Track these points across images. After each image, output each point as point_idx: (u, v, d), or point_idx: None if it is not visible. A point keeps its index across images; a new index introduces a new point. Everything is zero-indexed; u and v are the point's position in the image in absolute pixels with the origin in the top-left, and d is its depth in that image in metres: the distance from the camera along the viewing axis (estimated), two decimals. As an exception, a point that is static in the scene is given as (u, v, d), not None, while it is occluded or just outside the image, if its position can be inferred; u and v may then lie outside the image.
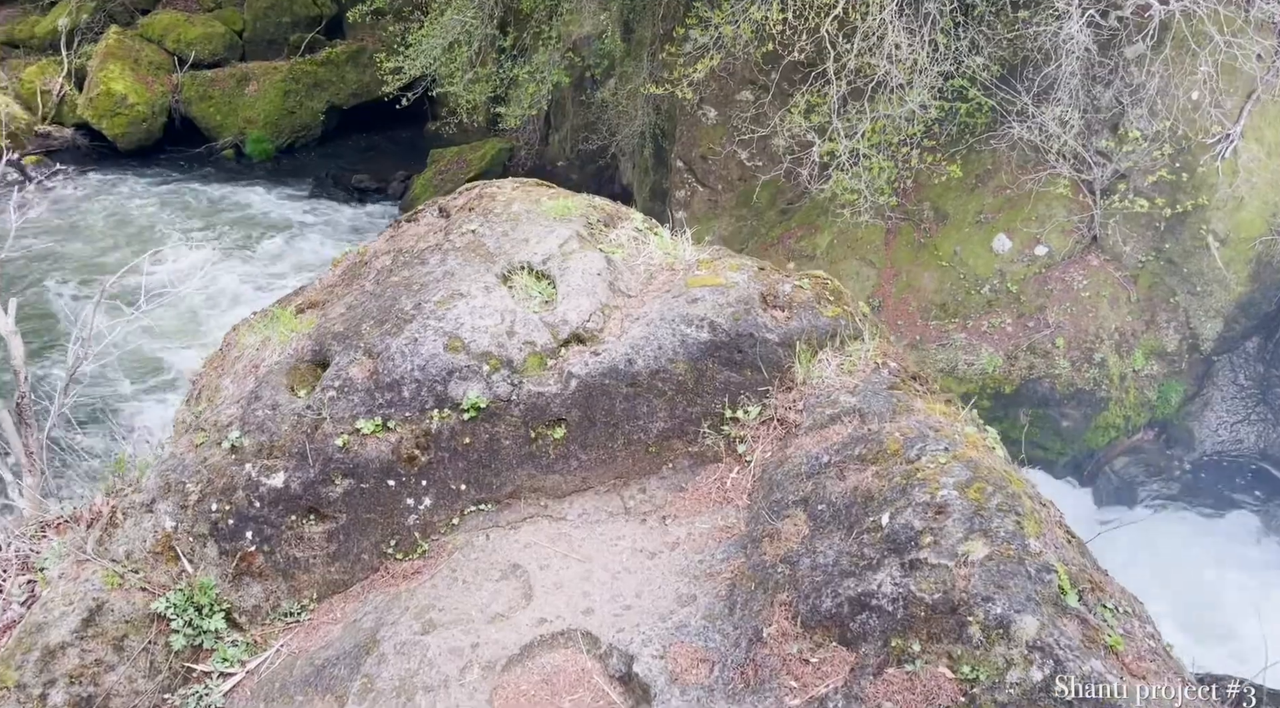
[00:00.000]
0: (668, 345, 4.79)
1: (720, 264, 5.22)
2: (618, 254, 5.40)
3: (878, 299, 13.05)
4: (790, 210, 14.20)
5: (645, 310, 4.98)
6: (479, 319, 4.85)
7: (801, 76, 12.91)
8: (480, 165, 20.58)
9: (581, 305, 4.96)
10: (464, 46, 14.54)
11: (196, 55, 22.57)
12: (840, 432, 4.45)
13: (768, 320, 4.88)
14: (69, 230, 18.61)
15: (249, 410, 4.74)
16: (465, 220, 5.69)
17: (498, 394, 4.66)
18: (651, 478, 4.84)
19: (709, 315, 4.84)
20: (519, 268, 5.24)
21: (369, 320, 5.01)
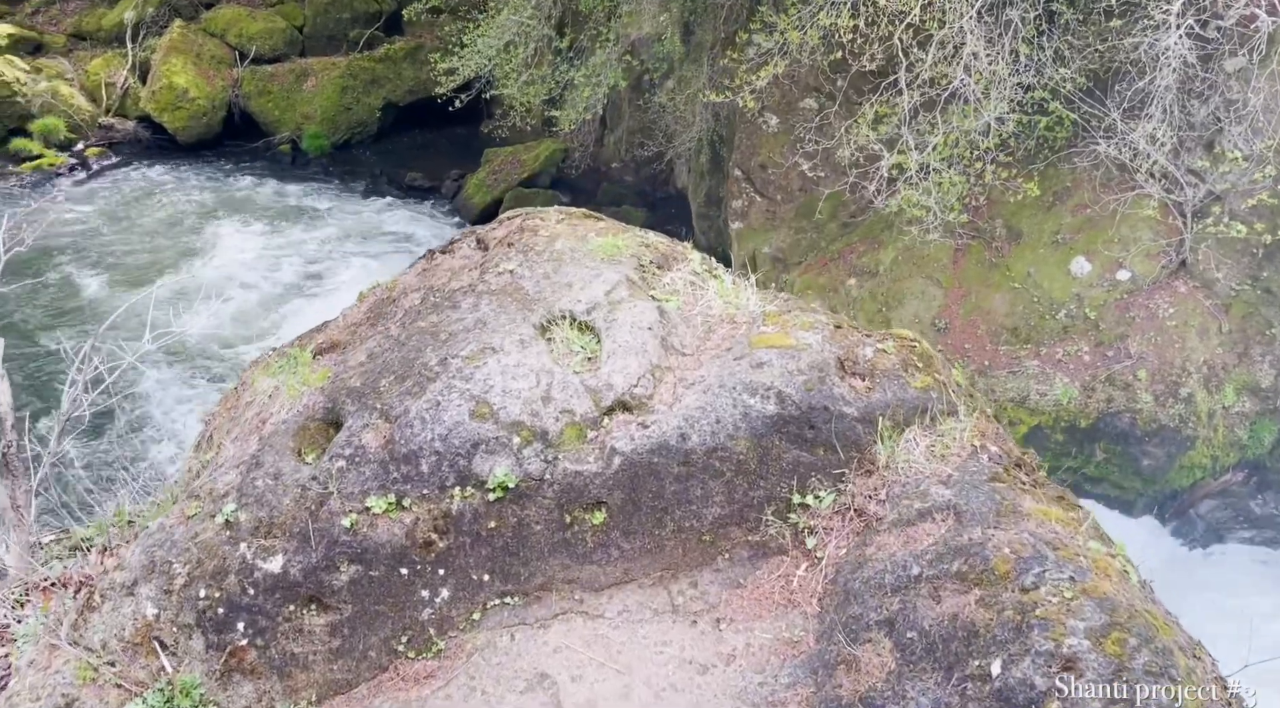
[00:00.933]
0: (727, 418, 4.04)
1: (790, 319, 4.44)
2: (672, 303, 4.65)
3: (944, 320, 12.15)
4: (852, 224, 13.32)
5: (702, 374, 4.23)
6: (511, 381, 4.13)
7: (870, 85, 12.03)
8: (534, 166, 19.94)
9: (629, 367, 4.22)
10: (520, 47, 13.83)
11: (257, 50, 22.16)
12: (931, 533, 3.67)
13: (845, 391, 4.11)
14: (123, 222, 18.29)
15: (248, 479, 4.07)
16: (503, 257, 4.98)
17: (529, 472, 3.94)
18: (704, 571, 4.10)
19: (776, 384, 4.08)
20: (560, 317, 4.52)
21: (389, 375, 4.32)
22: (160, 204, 19.18)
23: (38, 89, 21.02)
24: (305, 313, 15.81)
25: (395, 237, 18.72)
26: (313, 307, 16.01)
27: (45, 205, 16.30)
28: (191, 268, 17.09)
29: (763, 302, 4.69)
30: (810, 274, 13.32)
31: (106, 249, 17.33)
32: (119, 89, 21.79)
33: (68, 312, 15.36)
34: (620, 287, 4.61)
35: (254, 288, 16.59)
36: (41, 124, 20.69)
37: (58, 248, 17.14)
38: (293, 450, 4.19)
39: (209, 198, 19.56)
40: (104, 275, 16.51)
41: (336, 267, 17.47)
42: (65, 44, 22.88)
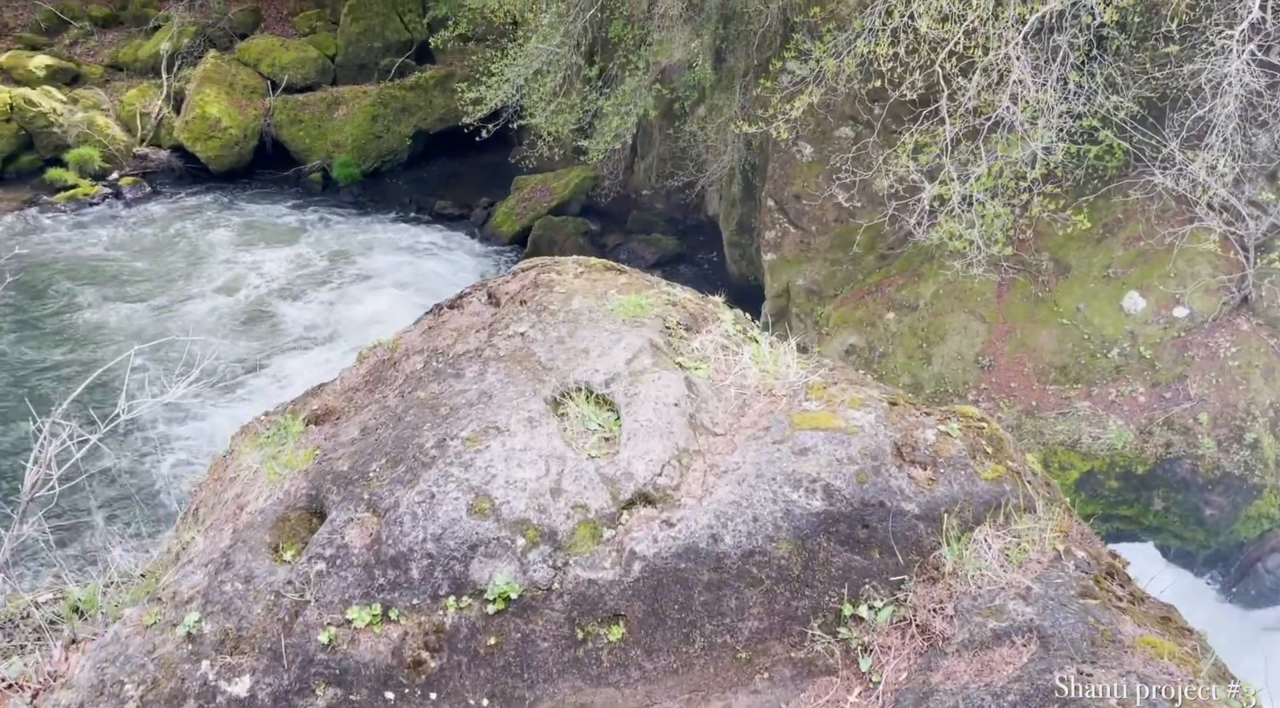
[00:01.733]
0: (767, 516, 3.42)
1: (837, 394, 3.81)
2: (702, 371, 4.04)
3: (988, 358, 11.44)
4: (890, 256, 12.66)
5: (737, 461, 3.61)
6: (516, 469, 3.54)
7: (910, 114, 11.41)
8: (564, 194, 19.46)
9: (652, 452, 3.61)
10: (548, 76, 13.34)
11: (289, 79, 21.91)
12: (1011, 661, 3.02)
13: (904, 483, 3.47)
14: (152, 251, 18.00)
15: (216, 582, 3.50)
16: (515, 316, 4.40)
17: (535, 580, 3.34)
18: (740, 693, 3.46)
19: (824, 475, 3.45)
20: (574, 390, 3.93)
21: (380, 457, 3.75)
22: (190, 233, 18.89)
23: (74, 119, 20.88)
24: (333, 343, 15.39)
25: (424, 265, 18.28)
26: (340, 336, 15.59)
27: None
28: (218, 296, 16.73)
29: (805, 370, 4.06)
30: (846, 307, 12.66)
31: (132, 277, 17.01)
32: (154, 119, 21.60)
33: (88, 340, 15.01)
34: (643, 354, 4.01)
35: (282, 316, 16.19)
36: (77, 154, 20.54)
37: (83, 276, 16.85)
38: (269, 546, 3.62)
39: (240, 226, 19.25)
40: (128, 304, 16.18)
41: (364, 295, 17.05)
42: (102, 74, 22.77)
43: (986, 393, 11.34)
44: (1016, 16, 9.86)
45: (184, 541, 4.27)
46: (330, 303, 16.73)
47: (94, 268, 17.32)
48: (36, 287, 16.53)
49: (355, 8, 22.45)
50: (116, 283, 16.87)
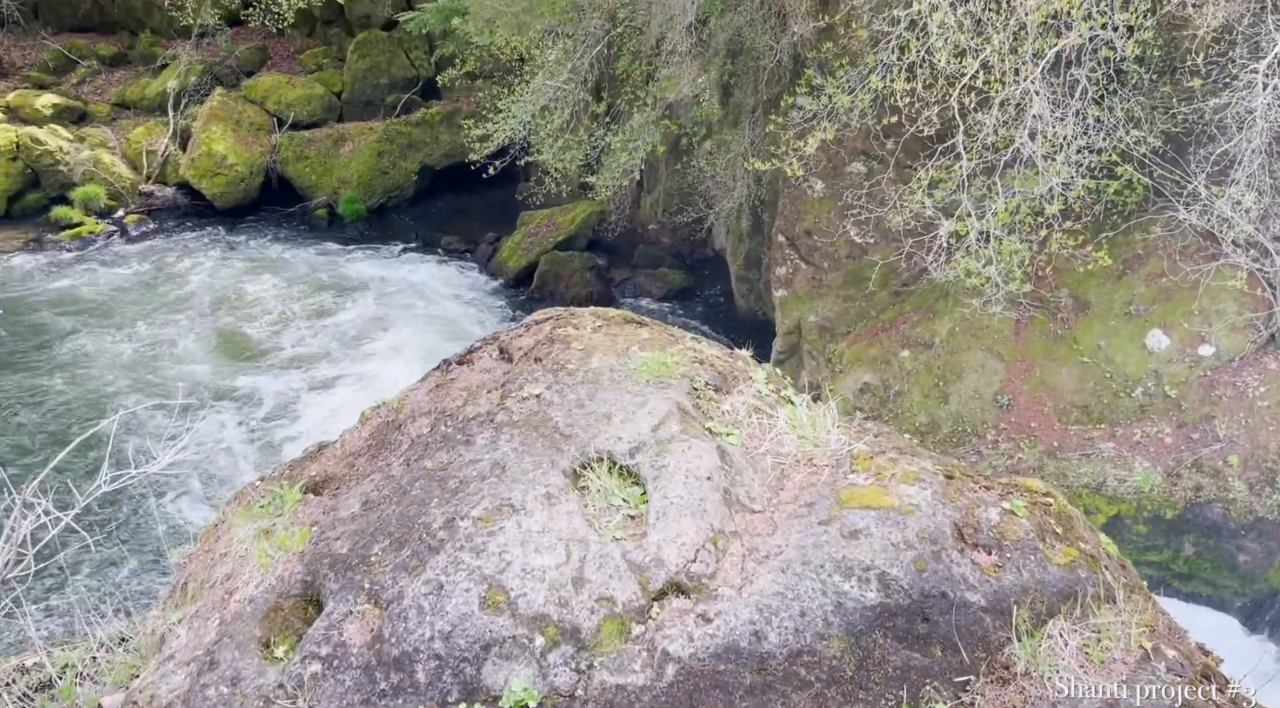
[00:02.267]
0: (815, 610, 3.01)
1: (886, 466, 3.42)
2: (734, 438, 3.66)
3: (1006, 396, 11.04)
4: (904, 293, 12.30)
5: (779, 544, 3.21)
6: (534, 555, 3.14)
7: (924, 149, 11.10)
8: (570, 229, 19.16)
9: (684, 533, 3.22)
10: (555, 113, 13.05)
11: (295, 116, 21.71)
12: (1101, 784, 2.61)
13: (967, 570, 3.07)
14: (154, 289, 17.68)
15: (198, 685, 3.10)
16: (529, 376, 4.02)
17: (556, 686, 2.93)
18: (786, 810, 3.04)
19: (878, 562, 3.05)
20: (596, 460, 3.54)
21: (383, 538, 3.35)
22: (194, 270, 18.59)
23: (80, 157, 20.65)
24: (337, 387, 15.02)
25: (431, 302, 17.94)
26: (344, 379, 15.21)
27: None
28: (220, 337, 16.39)
29: (847, 436, 3.67)
30: (860, 345, 12.28)
31: (133, 318, 16.67)
32: (160, 156, 21.38)
33: (84, 384, 14.64)
34: (670, 419, 3.62)
35: (286, 358, 15.83)
36: (83, 192, 20.29)
37: (83, 316, 16.52)
38: (259, 642, 3.21)
39: (245, 263, 18.95)
40: (128, 344, 15.82)
41: (370, 333, 16.69)
42: (109, 113, 22.58)
43: (1006, 433, 10.93)
44: (1035, 50, 9.56)
45: (169, 621, 3.87)
46: (335, 342, 16.37)
47: (95, 307, 16.99)
48: (35, 327, 16.20)
49: (362, 45, 22.30)
50: (116, 323, 16.53)
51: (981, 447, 11.00)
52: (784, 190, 12.85)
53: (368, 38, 22.28)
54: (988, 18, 9.00)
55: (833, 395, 12.04)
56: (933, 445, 11.27)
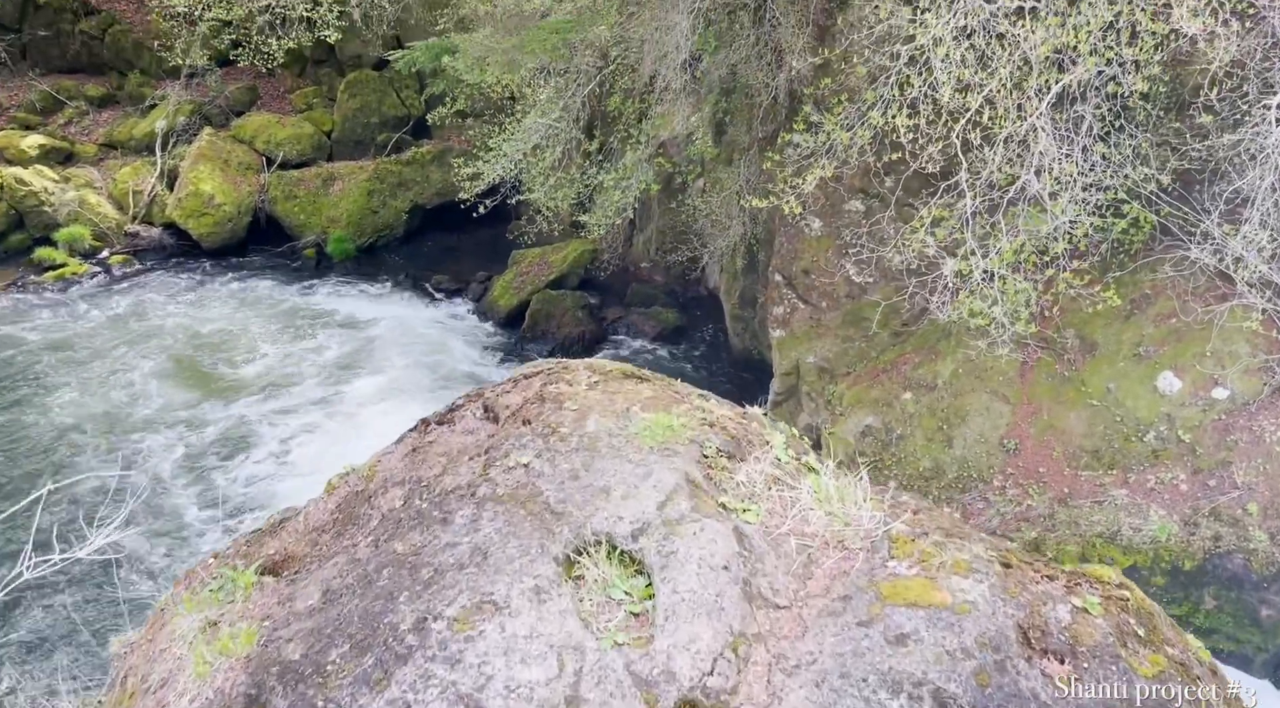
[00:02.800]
0: (858, 734, 2.48)
1: (932, 552, 2.90)
2: (752, 516, 3.14)
3: (1013, 441, 10.54)
4: (905, 333, 11.84)
5: (811, 650, 2.68)
6: (519, 667, 2.61)
7: (924, 186, 10.70)
8: (562, 267, 18.71)
9: (698, 637, 2.69)
10: (547, 151, 12.63)
11: (285, 156, 21.30)
12: None
13: (1037, 684, 2.54)
14: (137, 332, 17.11)
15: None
16: (517, 441, 3.50)
17: (547, 833, 2.39)
18: None
19: (931, 676, 2.53)
20: (593, 543, 3.02)
21: (343, 641, 2.82)
22: (177, 312, 18.04)
23: (65, 198, 20.17)
24: (319, 431, 14.43)
25: (419, 343, 17.42)
26: (328, 426, 14.63)
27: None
28: (198, 383, 15.81)
29: (882, 512, 3.16)
30: (860, 386, 11.79)
31: (110, 363, 16.09)
32: (146, 196, 20.90)
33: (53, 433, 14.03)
34: (679, 494, 3.11)
35: (266, 403, 15.25)
36: (67, 233, 19.78)
37: (58, 361, 15.93)
38: (192, 770, 2.66)
39: (229, 305, 18.42)
40: (103, 391, 15.23)
41: (356, 375, 16.14)
42: (96, 153, 22.13)
43: (1014, 478, 10.43)
44: (1039, 86, 9.18)
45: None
46: (318, 387, 15.80)
47: (69, 353, 16.41)
48: (5, 374, 15.60)
49: (352, 84, 21.95)
50: (90, 370, 15.93)
51: (988, 493, 10.49)
52: (780, 229, 12.42)
53: (358, 77, 21.95)
54: (991, 52, 8.62)
55: (833, 438, 11.55)
56: (937, 491, 10.76)
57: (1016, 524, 10.00)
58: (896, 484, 11.19)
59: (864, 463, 11.21)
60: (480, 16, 14.49)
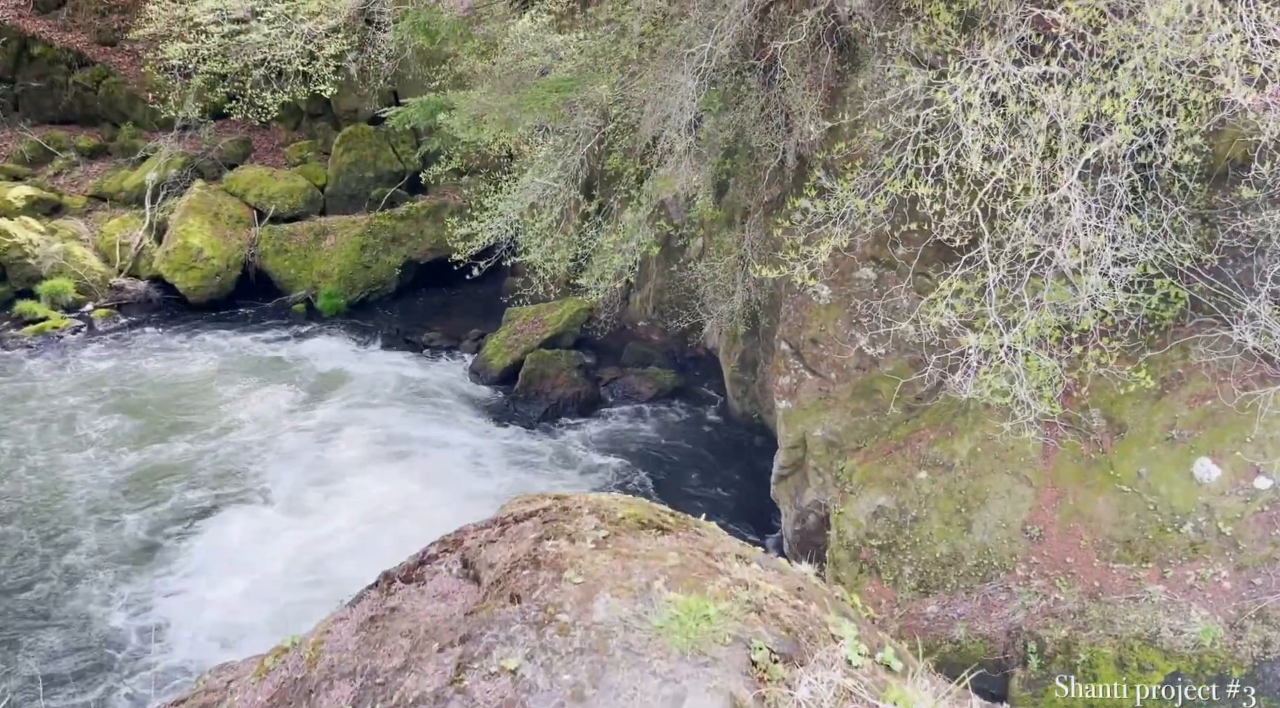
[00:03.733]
0: None
1: None
2: (823, 758, 2.26)
3: (1036, 527, 9.67)
4: (919, 407, 11.00)
5: None
6: None
7: (940, 254, 9.96)
8: (557, 326, 17.92)
9: None
10: (544, 211, 11.86)
11: (277, 209, 20.56)
12: None
13: None
14: (114, 393, 16.17)
15: None
16: (502, 631, 2.63)
17: None
18: None
19: None
20: (607, 806, 2.13)
21: None
22: (158, 370, 17.12)
23: (50, 250, 19.37)
24: (296, 501, 13.45)
25: (409, 404, 16.52)
26: (306, 495, 13.64)
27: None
28: (178, 445, 14.84)
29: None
30: (872, 463, 10.92)
31: (81, 428, 15.11)
32: (134, 249, 20.11)
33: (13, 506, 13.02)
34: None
35: (240, 473, 14.26)
36: (50, 285, 18.94)
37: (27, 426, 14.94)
38: None
39: (213, 363, 17.51)
40: (68, 458, 14.23)
41: (341, 435, 15.20)
42: (85, 205, 21.39)
43: (1038, 568, 9.53)
44: (1071, 154, 8.46)
45: None
46: (297, 453, 14.83)
47: (43, 415, 15.44)
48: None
49: (347, 138, 21.31)
50: (61, 435, 14.95)
51: (1011, 583, 9.58)
52: (787, 295, 11.64)
53: (354, 131, 21.32)
54: (1023, 118, 7.90)
55: (842, 518, 10.65)
56: (956, 579, 9.85)
57: (1044, 619, 9.09)
58: (911, 570, 10.31)
59: (876, 547, 10.33)
60: (477, 73, 13.83)
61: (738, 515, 13.62)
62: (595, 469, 14.52)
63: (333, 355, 18.01)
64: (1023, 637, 9.04)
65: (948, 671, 9.38)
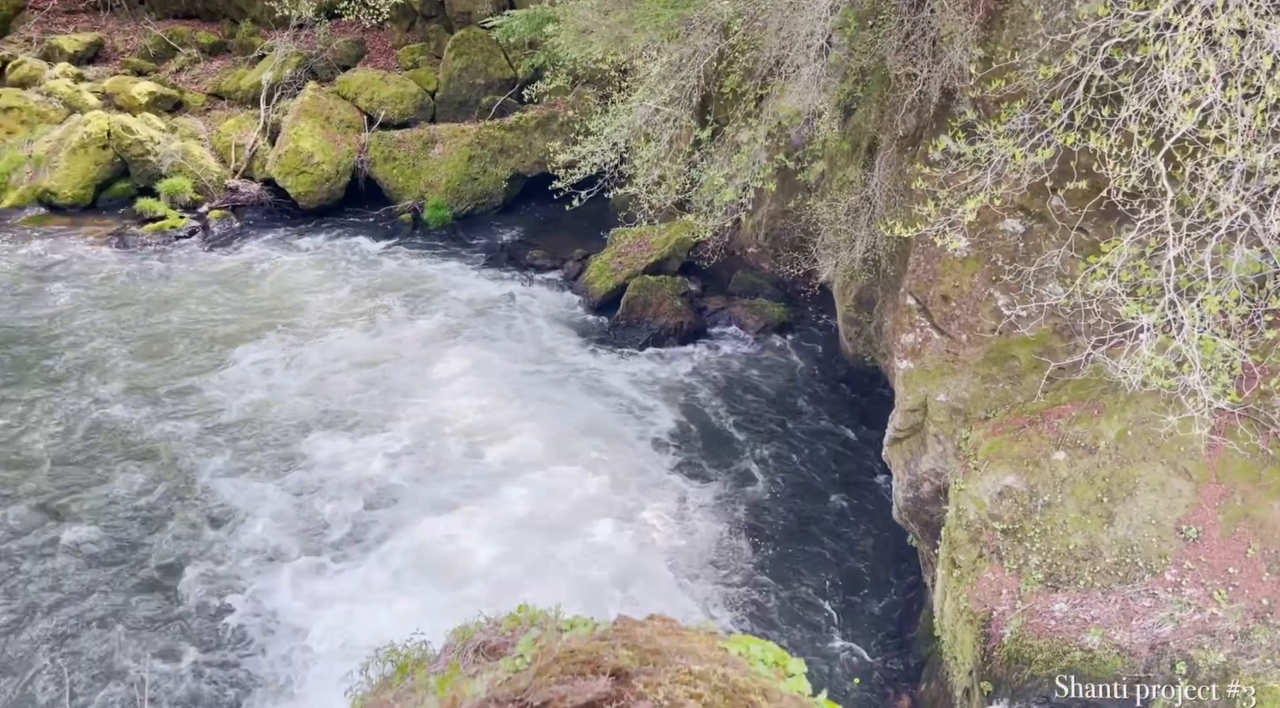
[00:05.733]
0: None
1: None
2: None
3: (1194, 527, 8.31)
4: (1061, 380, 9.59)
5: None
6: None
7: (1099, 209, 8.40)
8: (662, 250, 16.78)
9: None
10: (654, 138, 10.62)
11: (386, 115, 19.74)
12: None
13: None
14: (227, 295, 15.91)
15: None
16: None
17: None
18: None
19: None
20: None
21: None
22: (269, 275, 16.78)
23: (169, 148, 19.06)
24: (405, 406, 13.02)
25: (510, 325, 15.80)
26: (400, 413, 13.15)
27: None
28: (287, 343, 14.53)
29: None
30: (1001, 437, 9.62)
31: (195, 327, 14.88)
32: (248, 151, 19.67)
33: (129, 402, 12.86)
34: None
35: (345, 378, 13.86)
36: (169, 184, 18.70)
37: (146, 322, 14.78)
38: None
39: (322, 270, 17.08)
40: (184, 359, 14.03)
41: (439, 359, 14.62)
42: (204, 103, 20.99)
43: (1193, 576, 8.21)
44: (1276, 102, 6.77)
45: None
46: (401, 365, 14.34)
47: (159, 314, 15.28)
48: (98, 330, 14.54)
49: (459, 43, 20.18)
50: (175, 333, 14.77)
51: (1157, 588, 8.30)
52: (917, 245, 10.21)
53: (466, 35, 20.15)
54: (1243, 53, 6.26)
55: (964, 496, 9.46)
56: (1090, 576, 8.60)
57: (1197, 637, 7.83)
58: (1039, 561, 9.10)
59: (999, 530, 9.13)
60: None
61: (843, 470, 12.54)
62: (692, 408, 13.58)
63: (435, 270, 17.36)
64: (1170, 655, 7.81)
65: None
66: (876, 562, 11.15)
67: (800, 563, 11.00)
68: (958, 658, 9.01)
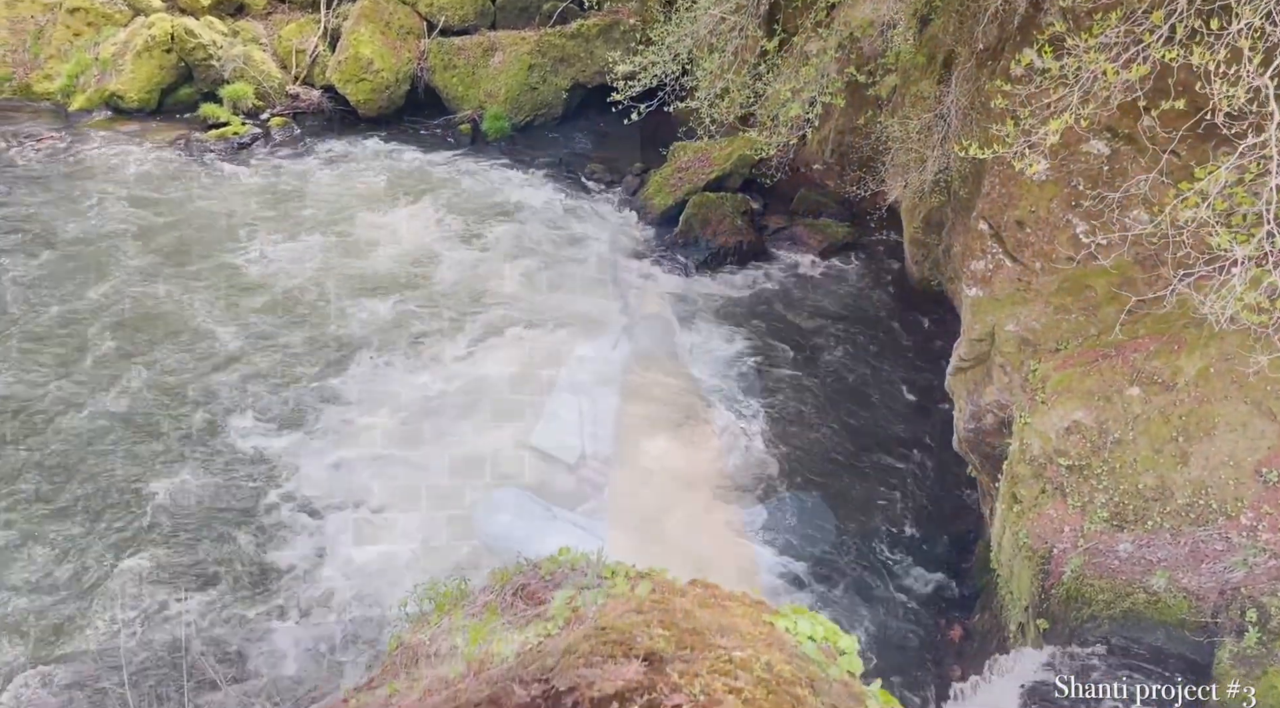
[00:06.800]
0: None
1: None
2: None
3: (1275, 471, 7.89)
4: (1141, 312, 9.06)
5: None
6: None
7: (1194, 131, 7.77)
8: (724, 166, 16.22)
9: None
10: (716, 50, 10.09)
11: (446, 21, 19.21)
12: None
13: None
14: (288, 202, 15.89)
15: None
16: None
17: None
18: None
19: None
20: None
21: None
22: (329, 184, 16.70)
23: (232, 53, 18.86)
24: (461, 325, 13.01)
25: (567, 237, 15.56)
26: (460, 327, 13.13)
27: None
28: (342, 259, 14.53)
29: None
30: (1072, 370, 9.20)
31: (257, 232, 14.93)
32: (309, 57, 19.39)
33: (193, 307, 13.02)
34: None
35: (402, 289, 13.85)
36: (231, 90, 18.57)
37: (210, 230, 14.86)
38: None
39: (381, 179, 16.93)
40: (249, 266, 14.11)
41: (498, 268, 14.51)
42: (265, 6, 20.61)
43: (1271, 520, 7.82)
44: None
45: None
46: (462, 274, 14.27)
47: (222, 222, 15.34)
48: (162, 236, 14.68)
49: (520, -57, 19.42)
50: (238, 239, 14.84)
51: (1232, 532, 7.93)
52: (992, 166, 9.64)
53: (527, -65, 19.37)
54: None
55: (1029, 430, 9.11)
56: (1160, 516, 8.26)
57: (1271, 584, 7.49)
58: (1106, 500, 8.76)
59: (1065, 466, 8.78)
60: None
61: (902, 397, 12.22)
62: (750, 328, 13.30)
63: (495, 181, 17.08)
64: (1240, 601, 7.50)
65: (1138, 626, 8.03)
66: (934, 490, 10.92)
67: (855, 487, 10.82)
68: (1014, 593, 8.80)
